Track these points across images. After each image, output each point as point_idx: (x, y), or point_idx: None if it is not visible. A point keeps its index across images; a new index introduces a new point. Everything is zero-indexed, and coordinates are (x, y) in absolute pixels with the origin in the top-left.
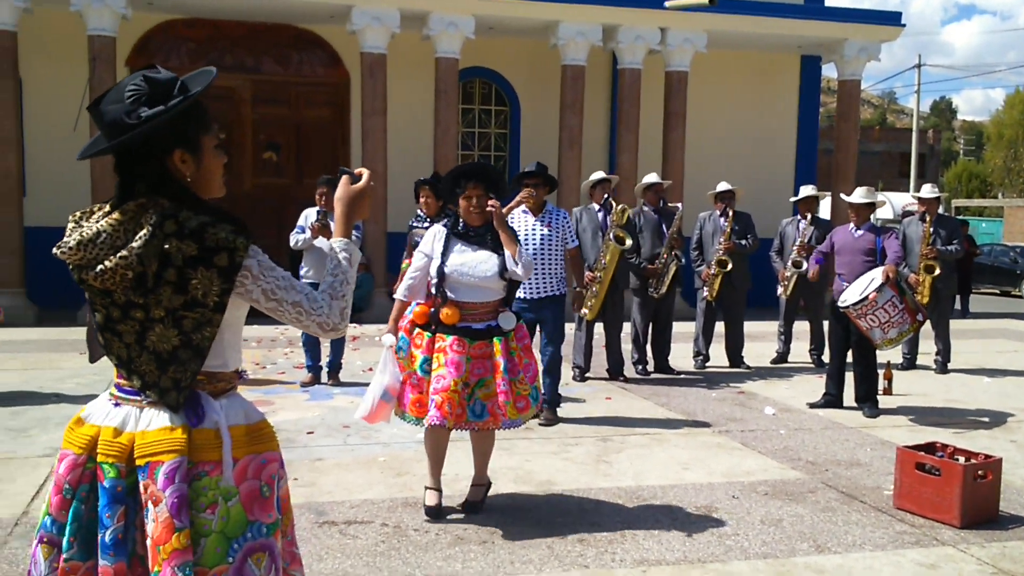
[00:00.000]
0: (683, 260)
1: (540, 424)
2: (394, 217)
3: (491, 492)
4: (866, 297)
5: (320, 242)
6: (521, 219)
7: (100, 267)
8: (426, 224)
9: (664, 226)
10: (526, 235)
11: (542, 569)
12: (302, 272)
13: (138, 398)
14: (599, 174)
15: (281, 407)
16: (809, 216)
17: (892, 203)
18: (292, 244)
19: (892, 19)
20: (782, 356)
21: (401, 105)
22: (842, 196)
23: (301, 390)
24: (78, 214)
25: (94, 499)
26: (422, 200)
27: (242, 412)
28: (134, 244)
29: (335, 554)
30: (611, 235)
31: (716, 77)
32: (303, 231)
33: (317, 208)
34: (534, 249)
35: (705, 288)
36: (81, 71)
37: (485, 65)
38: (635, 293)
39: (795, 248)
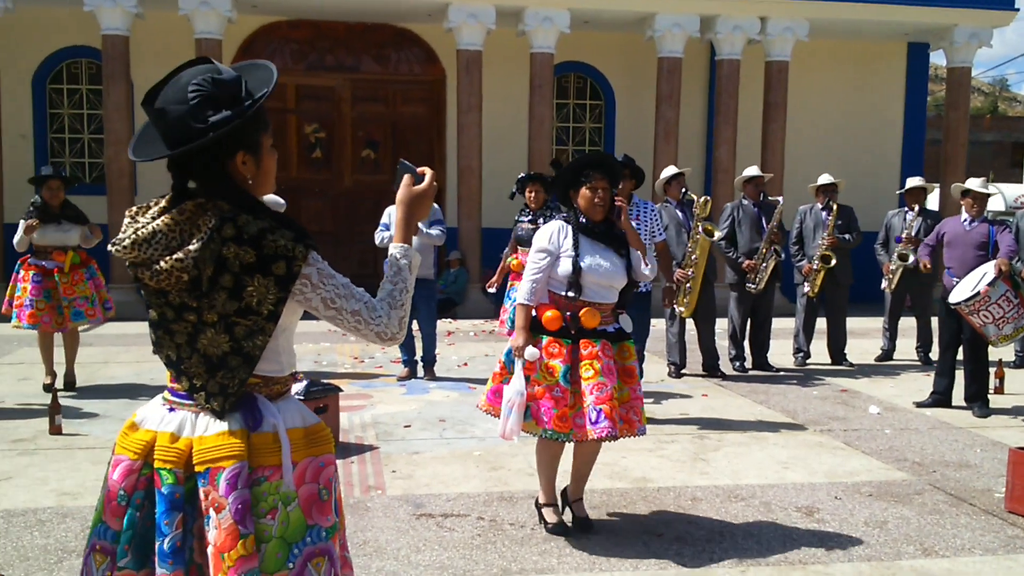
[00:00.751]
0: (782, 255)
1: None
2: (488, 213)
3: (586, 487)
4: (978, 292)
5: None
6: None
7: (155, 267)
8: (529, 218)
9: (764, 220)
10: None
11: (638, 567)
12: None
13: (191, 402)
14: (671, 169)
15: (379, 400)
16: (917, 207)
17: (1004, 194)
18: (377, 242)
19: (1005, 3)
20: (887, 353)
21: (496, 101)
22: (955, 185)
23: (398, 384)
24: (134, 210)
25: (149, 506)
26: (529, 195)
27: (299, 415)
28: (191, 247)
29: (432, 546)
30: (700, 228)
31: (818, 66)
32: (387, 228)
33: None
34: None
35: (806, 283)
36: None
37: (580, 59)
38: (732, 288)
39: (901, 241)
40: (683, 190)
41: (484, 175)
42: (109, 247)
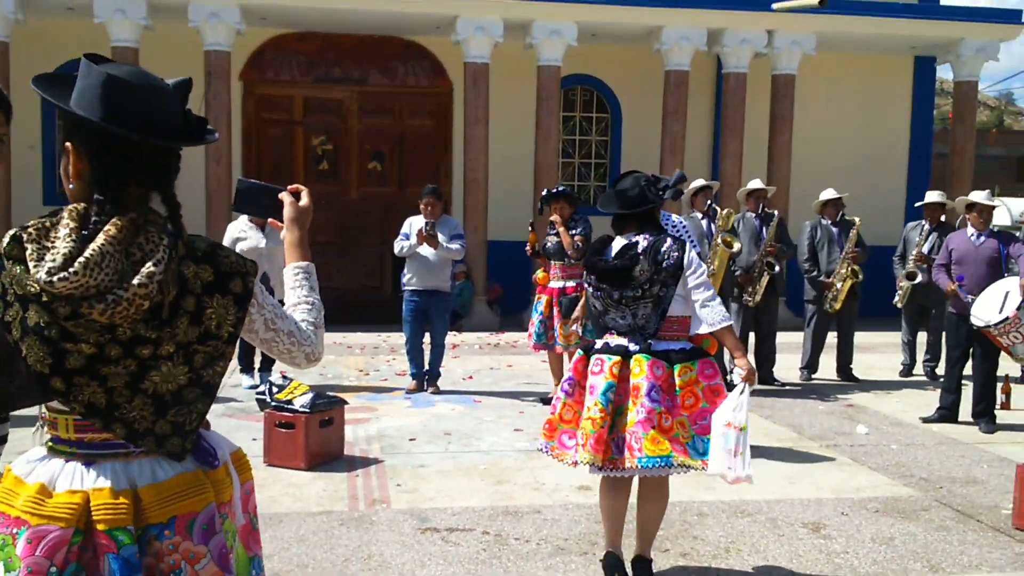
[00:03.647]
0: (776, 267)
1: None
2: (494, 225)
3: (592, 502)
4: (1007, 317)
5: (424, 250)
6: None
7: (111, 297)
8: (555, 232)
9: (765, 233)
10: None
11: None
12: (404, 279)
13: (123, 450)
14: (699, 181)
15: (384, 413)
16: (928, 223)
17: (1010, 209)
18: (396, 251)
19: (1012, 17)
20: (908, 368)
21: (503, 114)
22: (960, 199)
23: (403, 397)
24: (32, 232)
25: None
26: (555, 210)
27: (225, 442)
28: (151, 269)
29: (437, 560)
30: (719, 239)
31: (825, 80)
32: (407, 238)
33: (423, 217)
34: None
35: (826, 299)
36: (197, 85)
37: (587, 72)
38: (732, 300)
39: (911, 258)
40: (708, 202)
41: (490, 188)
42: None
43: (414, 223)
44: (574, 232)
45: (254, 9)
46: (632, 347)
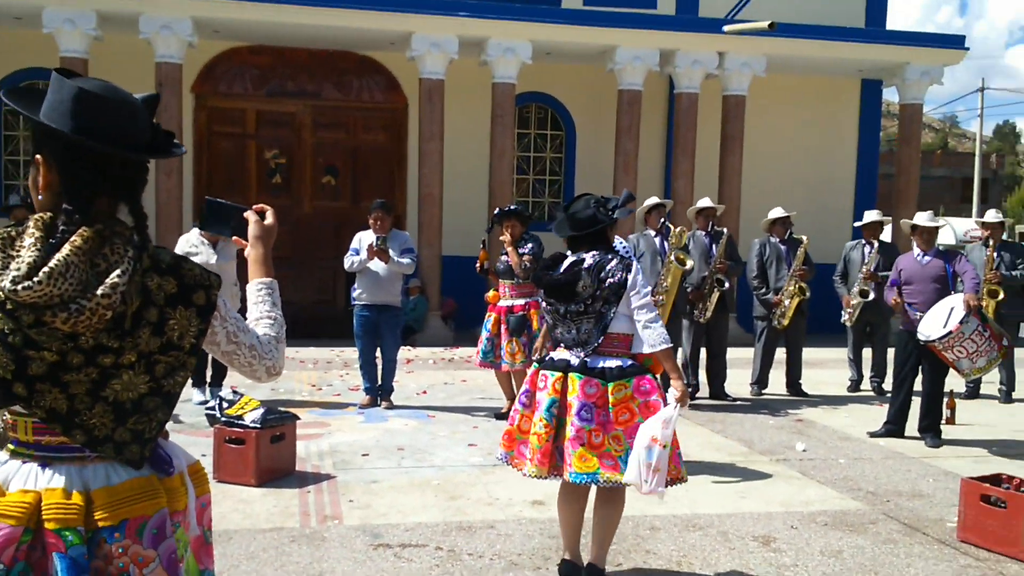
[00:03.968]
0: (725, 284)
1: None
2: (448, 241)
3: (545, 516)
4: (950, 331)
5: (374, 265)
6: None
7: (74, 306)
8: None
9: (714, 250)
10: None
11: None
12: (354, 294)
13: (80, 454)
14: (653, 199)
15: (337, 429)
16: (876, 243)
17: (954, 228)
18: (347, 266)
19: (955, 42)
20: (856, 383)
21: (458, 130)
22: (904, 221)
23: (356, 412)
24: None
25: None
26: (506, 230)
27: (183, 454)
28: (115, 280)
29: None
30: (672, 256)
31: (774, 101)
32: (357, 253)
33: (373, 232)
34: None
35: (774, 316)
36: None
37: (541, 90)
38: (684, 317)
39: (861, 276)
40: (661, 220)
41: (445, 203)
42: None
43: (364, 238)
44: (523, 251)
45: (206, 22)
46: (573, 361)
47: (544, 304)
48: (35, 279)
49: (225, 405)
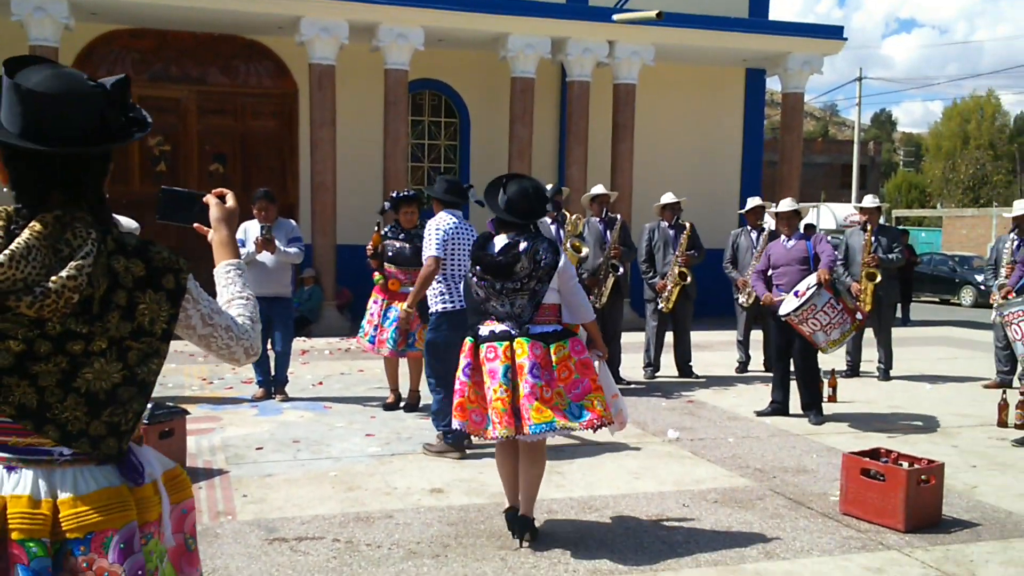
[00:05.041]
0: (619, 270)
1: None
2: (342, 229)
3: (444, 504)
4: (804, 302)
5: (263, 256)
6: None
7: (39, 290)
8: (401, 237)
9: (608, 237)
10: None
11: None
12: None
13: (47, 457)
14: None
15: (229, 423)
16: (766, 229)
17: (835, 213)
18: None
19: (834, 33)
20: (744, 364)
21: (350, 117)
22: (769, 210)
23: (249, 405)
24: None
25: None
26: (404, 214)
27: (158, 460)
28: (80, 262)
29: (285, 571)
30: (567, 244)
31: (663, 90)
32: (243, 244)
33: (259, 223)
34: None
35: (660, 299)
36: None
37: (435, 77)
38: None
39: (753, 262)
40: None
41: (339, 191)
42: None
43: (249, 229)
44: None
45: (83, 4)
46: (514, 331)
47: (476, 280)
48: None
49: None
